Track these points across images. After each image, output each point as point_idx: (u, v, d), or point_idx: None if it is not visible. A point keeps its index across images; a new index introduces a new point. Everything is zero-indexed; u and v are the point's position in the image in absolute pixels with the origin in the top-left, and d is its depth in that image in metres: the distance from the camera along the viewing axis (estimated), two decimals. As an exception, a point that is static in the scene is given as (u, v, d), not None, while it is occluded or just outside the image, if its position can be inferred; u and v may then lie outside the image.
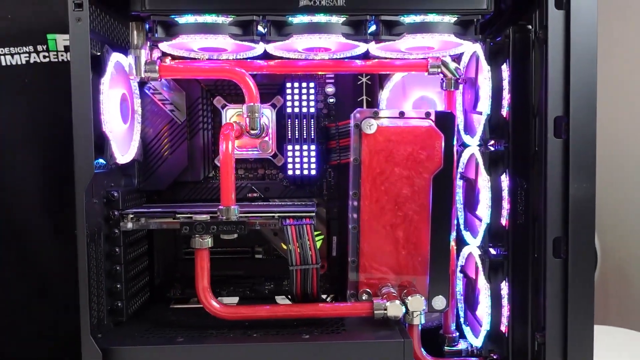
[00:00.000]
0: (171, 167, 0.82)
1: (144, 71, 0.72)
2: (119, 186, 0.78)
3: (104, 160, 0.68)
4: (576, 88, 0.64)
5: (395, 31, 0.71)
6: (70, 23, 0.63)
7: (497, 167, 0.73)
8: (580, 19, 0.64)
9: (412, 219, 0.78)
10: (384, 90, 0.87)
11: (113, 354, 0.65)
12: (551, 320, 0.66)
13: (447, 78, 0.79)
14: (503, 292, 0.73)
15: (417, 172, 0.77)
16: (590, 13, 0.64)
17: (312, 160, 0.81)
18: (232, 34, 0.70)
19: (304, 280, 0.72)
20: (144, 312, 0.81)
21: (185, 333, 0.71)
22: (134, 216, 0.73)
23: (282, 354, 0.67)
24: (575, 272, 0.65)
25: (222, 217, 0.70)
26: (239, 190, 0.85)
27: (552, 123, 0.65)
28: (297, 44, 0.75)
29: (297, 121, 0.80)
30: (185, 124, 0.82)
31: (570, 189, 0.65)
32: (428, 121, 0.77)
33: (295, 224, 0.71)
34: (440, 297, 0.79)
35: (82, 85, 0.63)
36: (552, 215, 0.65)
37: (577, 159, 0.64)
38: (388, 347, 0.68)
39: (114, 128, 0.69)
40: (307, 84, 0.80)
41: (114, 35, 0.75)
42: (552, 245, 0.65)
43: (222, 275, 0.87)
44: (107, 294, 0.72)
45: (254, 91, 0.73)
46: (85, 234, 0.64)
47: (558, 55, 0.64)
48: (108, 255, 0.72)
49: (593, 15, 0.64)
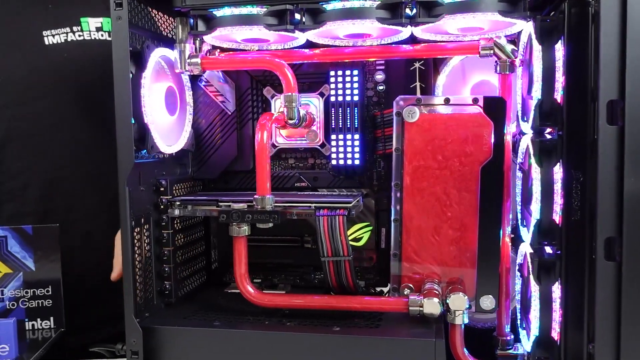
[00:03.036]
0: (222, 157, 0.85)
1: (187, 64, 0.75)
2: (174, 174, 0.82)
3: (145, 151, 0.72)
4: (634, 67, 0.56)
5: (434, 12, 0.67)
6: (112, 21, 0.67)
7: (550, 158, 0.66)
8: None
9: (459, 212, 0.73)
10: (440, 75, 0.83)
11: (152, 332, 0.70)
12: (601, 330, 0.59)
13: (502, 60, 0.73)
14: (555, 295, 0.66)
15: (464, 163, 0.72)
16: (652, -21, 0.55)
17: (357, 150, 0.79)
18: (267, 24, 0.70)
19: (337, 272, 0.71)
20: (197, 294, 0.85)
21: (224, 317, 0.74)
22: (181, 203, 0.76)
23: (309, 344, 0.67)
24: (630, 277, 0.57)
25: (258, 206, 0.71)
26: (288, 179, 0.86)
27: (604, 108, 0.57)
28: (337, 31, 0.74)
29: (340, 110, 0.78)
30: (235, 115, 0.84)
31: (625, 183, 0.57)
32: (476, 107, 0.72)
33: (328, 214, 0.70)
34: (489, 296, 0.73)
35: (123, 80, 0.67)
36: (604, 212, 0.58)
37: (635, 148, 0.56)
38: (418, 345, 0.65)
39: (158, 120, 0.73)
40: (351, 72, 0.78)
41: (163, 30, 0.79)
42: (604, 246, 0.58)
43: (275, 264, 0.88)
44: (156, 276, 0.77)
45: (292, 81, 0.73)
46: (128, 219, 0.68)
47: (613, 28, 0.56)
48: (157, 240, 0.77)
49: (656, -19, 0.55)
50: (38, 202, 0.96)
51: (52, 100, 0.94)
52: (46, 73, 0.93)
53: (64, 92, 0.94)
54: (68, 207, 0.96)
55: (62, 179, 0.96)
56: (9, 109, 0.94)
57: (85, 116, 0.94)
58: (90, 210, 0.97)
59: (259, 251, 0.88)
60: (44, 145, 0.95)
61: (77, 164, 0.95)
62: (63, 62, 0.93)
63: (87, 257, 0.96)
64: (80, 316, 0.91)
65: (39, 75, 0.93)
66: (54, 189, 0.96)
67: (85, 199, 0.96)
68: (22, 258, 0.89)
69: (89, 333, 0.94)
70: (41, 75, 0.93)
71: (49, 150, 0.95)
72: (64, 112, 0.95)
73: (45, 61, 0.93)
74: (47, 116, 0.94)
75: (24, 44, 0.94)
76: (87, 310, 0.95)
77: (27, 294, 0.89)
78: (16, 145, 0.95)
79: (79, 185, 0.96)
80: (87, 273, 0.95)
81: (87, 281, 0.95)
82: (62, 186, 0.96)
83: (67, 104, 0.94)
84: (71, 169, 0.96)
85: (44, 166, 0.96)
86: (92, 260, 0.94)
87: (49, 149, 0.95)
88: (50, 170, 0.96)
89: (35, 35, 0.93)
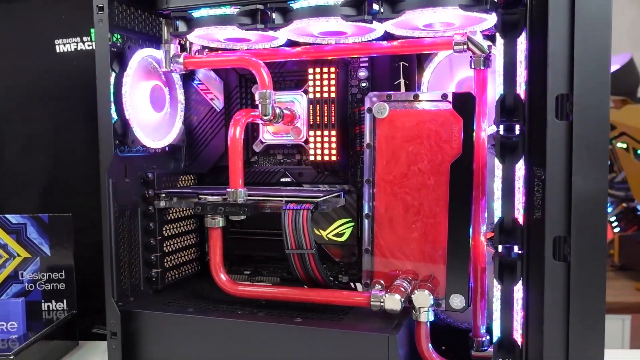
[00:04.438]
0: (211, 152, 0.89)
1: (171, 63, 0.79)
2: (167, 168, 0.87)
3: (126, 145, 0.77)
4: (582, 60, 0.54)
5: (397, 8, 0.67)
6: (95, 23, 0.72)
7: (513, 154, 0.64)
8: (588, -23, 0.53)
9: (430, 210, 0.73)
10: (425, 71, 0.82)
11: (130, 315, 0.74)
12: (549, 332, 0.57)
13: (476, 56, 0.72)
14: (517, 296, 0.64)
15: (434, 159, 0.72)
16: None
17: (333, 146, 0.80)
18: (240, 23, 0.73)
19: (302, 265, 0.73)
20: (185, 283, 0.89)
21: (200, 305, 0.77)
22: (166, 195, 0.81)
23: (271, 334, 0.69)
24: (578, 278, 0.55)
25: (230, 199, 0.74)
26: (274, 174, 0.88)
27: (553, 102, 0.55)
28: (310, 29, 0.75)
29: (318, 107, 0.80)
30: (223, 112, 0.88)
31: (574, 181, 0.55)
32: (445, 104, 0.71)
33: (294, 208, 0.72)
34: (459, 296, 0.72)
35: (104, 78, 0.72)
36: (551, 210, 0.56)
37: (583, 144, 0.54)
38: (372, 340, 0.66)
39: (141, 116, 0.78)
40: (328, 69, 0.79)
41: (150, 31, 0.83)
42: (552, 245, 0.56)
43: (264, 256, 0.91)
44: (143, 263, 0.81)
45: (266, 79, 0.75)
46: (108, 209, 0.73)
47: (562, 20, 0.55)
48: (145, 230, 0.82)
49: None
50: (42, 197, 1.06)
51: (59, 104, 1.03)
52: (56, 79, 1.02)
53: (71, 97, 1.02)
54: (70, 203, 1.04)
55: (65, 177, 1.05)
56: (17, 111, 1.04)
57: (89, 119, 1.01)
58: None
59: (249, 244, 0.92)
60: (49, 145, 1.05)
61: (79, 162, 1.03)
62: (72, 69, 1.02)
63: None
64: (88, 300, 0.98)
65: (49, 81, 1.03)
66: (56, 185, 1.06)
67: (87, 196, 1.04)
68: (39, 244, 0.96)
69: (96, 316, 1.01)
70: (51, 80, 1.03)
71: (54, 150, 1.05)
72: (69, 114, 1.03)
73: (56, 68, 1.02)
74: (54, 118, 1.04)
75: (36, 51, 1.03)
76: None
77: (43, 277, 0.96)
78: (24, 144, 1.05)
79: (80, 182, 1.03)
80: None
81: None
82: (65, 183, 1.06)
83: (73, 108, 1.02)
84: (74, 167, 1.04)
85: (47, 164, 1.05)
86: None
87: (54, 149, 1.05)
88: (53, 169, 1.05)
89: (47, 43, 1.03)
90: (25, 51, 1.03)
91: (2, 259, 0.93)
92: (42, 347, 0.85)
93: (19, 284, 0.95)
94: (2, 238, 0.93)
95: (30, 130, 1.05)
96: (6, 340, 0.82)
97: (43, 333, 0.87)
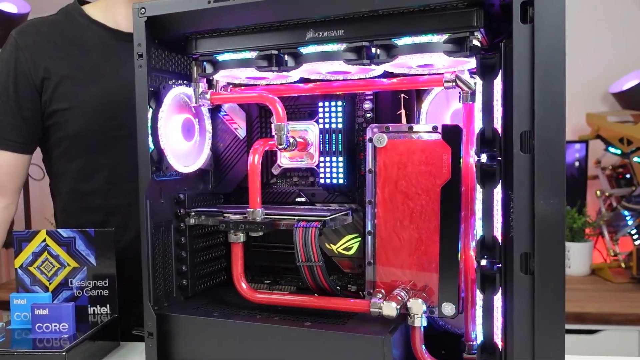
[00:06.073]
0: (235, 175, 1.00)
1: (200, 99, 0.91)
2: (197, 189, 0.99)
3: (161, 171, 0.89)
4: (542, 102, 0.63)
5: (391, 53, 0.77)
6: (135, 68, 0.85)
7: (492, 180, 0.73)
8: (545, 33, 0.62)
9: (424, 227, 0.82)
10: (423, 102, 0.92)
11: (165, 318, 0.86)
12: (518, 337, 0.66)
13: (464, 92, 0.81)
14: (497, 304, 0.73)
15: (426, 183, 0.81)
16: (557, 27, 0.62)
17: (341, 170, 0.90)
18: (258, 66, 0.84)
19: (312, 275, 0.83)
20: (213, 291, 1.00)
21: (224, 310, 0.88)
22: (195, 213, 0.93)
23: (283, 335, 0.80)
24: (542, 288, 0.64)
25: (249, 218, 0.85)
26: (290, 194, 0.99)
27: (517, 138, 0.65)
28: (319, 69, 0.86)
29: (327, 136, 0.91)
30: (246, 139, 1.00)
31: (536, 205, 0.64)
32: (436, 134, 0.81)
33: (304, 226, 0.82)
34: (450, 304, 0.81)
35: (143, 115, 0.84)
36: (519, 229, 0.65)
37: (543, 173, 0.63)
38: (370, 341, 0.75)
39: (174, 146, 0.90)
40: (336, 103, 0.90)
41: (183, 70, 0.96)
42: (520, 260, 0.65)
43: (282, 267, 1.02)
44: (176, 273, 0.93)
45: (281, 113, 0.86)
46: (147, 226, 0.86)
47: (524, 68, 0.64)
48: (177, 244, 0.94)
49: (560, 29, 0.62)
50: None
51: (121, 122, 1.14)
52: (120, 100, 1.13)
53: (130, 116, 1.12)
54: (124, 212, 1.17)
55: (120, 187, 1.18)
56: (77, 125, 1.15)
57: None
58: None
59: (269, 256, 1.03)
60: (105, 157, 1.17)
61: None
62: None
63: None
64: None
65: (113, 102, 1.14)
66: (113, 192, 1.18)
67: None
68: (86, 255, 1.09)
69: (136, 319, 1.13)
70: (115, 101, 1.13)
71: (110, 160, 1.17)
72: (125, 132, 1.13)
73: (121, 92, 1.12)
74: (113, 132, 1.15)
75: (104, 76, 1.14)
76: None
77: (89, 284, 1.09)
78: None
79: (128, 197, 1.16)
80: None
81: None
82: (120, 190, 1.18)
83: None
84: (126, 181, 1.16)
85: (105, 174, 1.18)
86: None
87: (109, 160, 1.17)
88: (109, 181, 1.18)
89: (114, 69, 1.14)
90: (93, 77, 1.15)
91: (55, 268, 1.07)
92: (89, 347, 0.97)
93: (69, 291, 1.08)
94: (55, 250, 1.07)
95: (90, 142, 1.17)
96: (59, 339, 0.95)
97: (89, 334, 0.99)
